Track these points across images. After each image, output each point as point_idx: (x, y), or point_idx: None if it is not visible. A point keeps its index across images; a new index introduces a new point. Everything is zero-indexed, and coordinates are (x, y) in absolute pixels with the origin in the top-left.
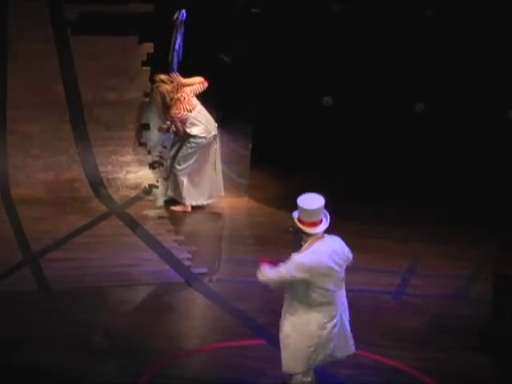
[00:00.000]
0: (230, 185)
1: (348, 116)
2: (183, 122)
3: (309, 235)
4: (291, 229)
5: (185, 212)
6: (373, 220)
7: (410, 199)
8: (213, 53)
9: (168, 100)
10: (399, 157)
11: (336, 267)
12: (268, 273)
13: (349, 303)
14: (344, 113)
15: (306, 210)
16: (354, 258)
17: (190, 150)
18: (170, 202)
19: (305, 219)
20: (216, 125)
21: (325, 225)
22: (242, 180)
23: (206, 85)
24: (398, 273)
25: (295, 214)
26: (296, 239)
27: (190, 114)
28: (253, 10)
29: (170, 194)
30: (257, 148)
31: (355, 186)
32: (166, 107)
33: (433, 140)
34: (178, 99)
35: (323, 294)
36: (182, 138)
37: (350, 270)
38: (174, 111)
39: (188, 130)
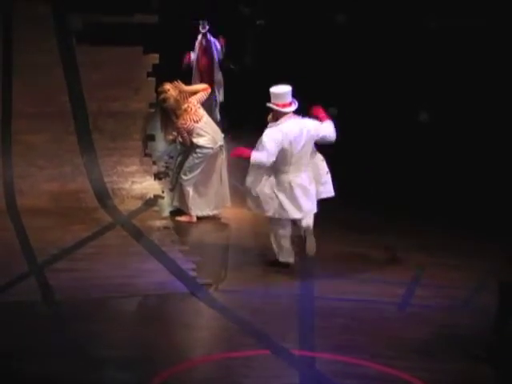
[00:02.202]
0: (236, 195)
1: (352, 125)
2: (190, 132)
3: (282, 114)
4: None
5: (190, 222)
6: (377, 230)
7: (416, 209)
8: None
9: (177, 110)
10: (404, 166)
11: (295, 141)
12: (258, 155)
13: (354, 313)
14: (348, 122)
15: (278, 94)
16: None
17: (196, 161)
18: (176, 212)
19: (278, 102)
20: (223, 135)
21: (294, 106)
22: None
23: (209, 91)
24: (404, 283)
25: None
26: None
27: (196, 125)
28: (257, 22)
29: (176, 204)
30: None
31: (359, 196)
32: (176, 117)
33: (439, 148)
34: (185, 110)
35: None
36: (189, 148)
37: (356, 280)
38: (180, 122)
39: (194, 141)
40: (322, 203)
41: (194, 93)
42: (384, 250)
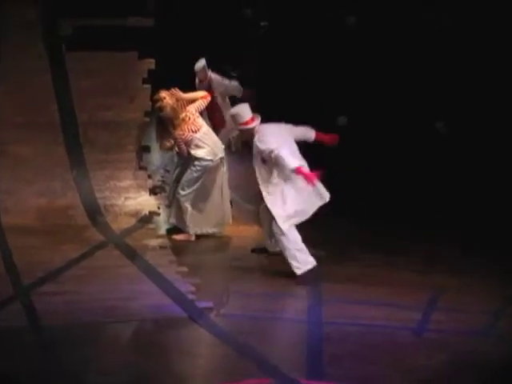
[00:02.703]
0: (239, 212)
1: (363, 136)
2: (187, 143)
3: (254, 128)
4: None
5: (188, 241)
6: (388, 250)
7: (433, 230)
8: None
9: (175, 120)
10: (418, 180)
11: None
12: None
13: (366, 339)
14: (359, 133)
15: (239, 113)
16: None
17: (194, 174)
18: (173, 230)
19: (245, 119)
20: (223, 146)
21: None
22: (251, 206)
23: (209, 99)
24: (419, 307)
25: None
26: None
27: (195, 135)
28: (261, 24)
29: (173, 221)
30: None
31: (372, 215)
32: (173, 127)
33: (456, 160)
34: (183, 119)
35: None
36: (187, 160)
37: (367, 303)
38: (178, 132)
39: (193, 152)
40: (330, 220)
41: (193, 101)
42: (396, 271)
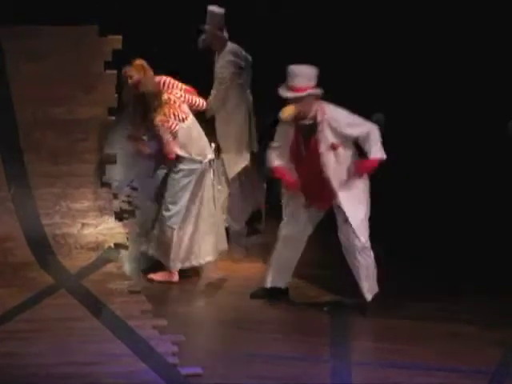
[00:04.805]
0: (237, 239)
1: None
2: (174, 135)
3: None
4: (325, 308)
5: (170, 282)
6: (437, 297)
7: (497, 270)
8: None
9: (154, 100)
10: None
11: None
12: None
13: None
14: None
15: (302, 72)
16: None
17: (181, 183)
18: (148, 267)
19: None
20: (214, 145)
21: None
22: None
23: (203, 107)
24: (487, 372)
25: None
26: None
27: (182, 125)
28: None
29: (153, 253)
30: (273, 188)
31: (413, 248)
32: (149, 112)
33: None
34: (166, 102)
35: None
36: (168, 165)
37: (419, 369)
38: (159, 118)
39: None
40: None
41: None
42: (446, 323)
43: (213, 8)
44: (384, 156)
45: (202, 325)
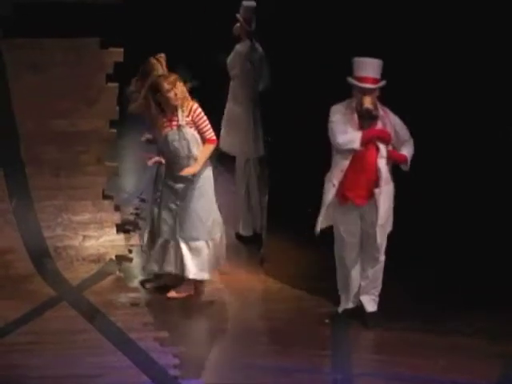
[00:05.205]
0: (237, 252)
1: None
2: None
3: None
4: (327, 320)
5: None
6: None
7: (498, 282)
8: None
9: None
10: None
11: None
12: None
13: None
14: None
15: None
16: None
17: (206, 191)
18: (150, 280)
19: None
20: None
21: None
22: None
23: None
24: None
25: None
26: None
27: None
28: None
29: (171, 269)
30: (274, 199)
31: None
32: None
33: None
34: (185, 97)
35: None
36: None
37: (420, 381)
38: (193, 104)
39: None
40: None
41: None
42: (447, 336)
43: (244, 1)
44: (409, 163)
45: (202, 337)
